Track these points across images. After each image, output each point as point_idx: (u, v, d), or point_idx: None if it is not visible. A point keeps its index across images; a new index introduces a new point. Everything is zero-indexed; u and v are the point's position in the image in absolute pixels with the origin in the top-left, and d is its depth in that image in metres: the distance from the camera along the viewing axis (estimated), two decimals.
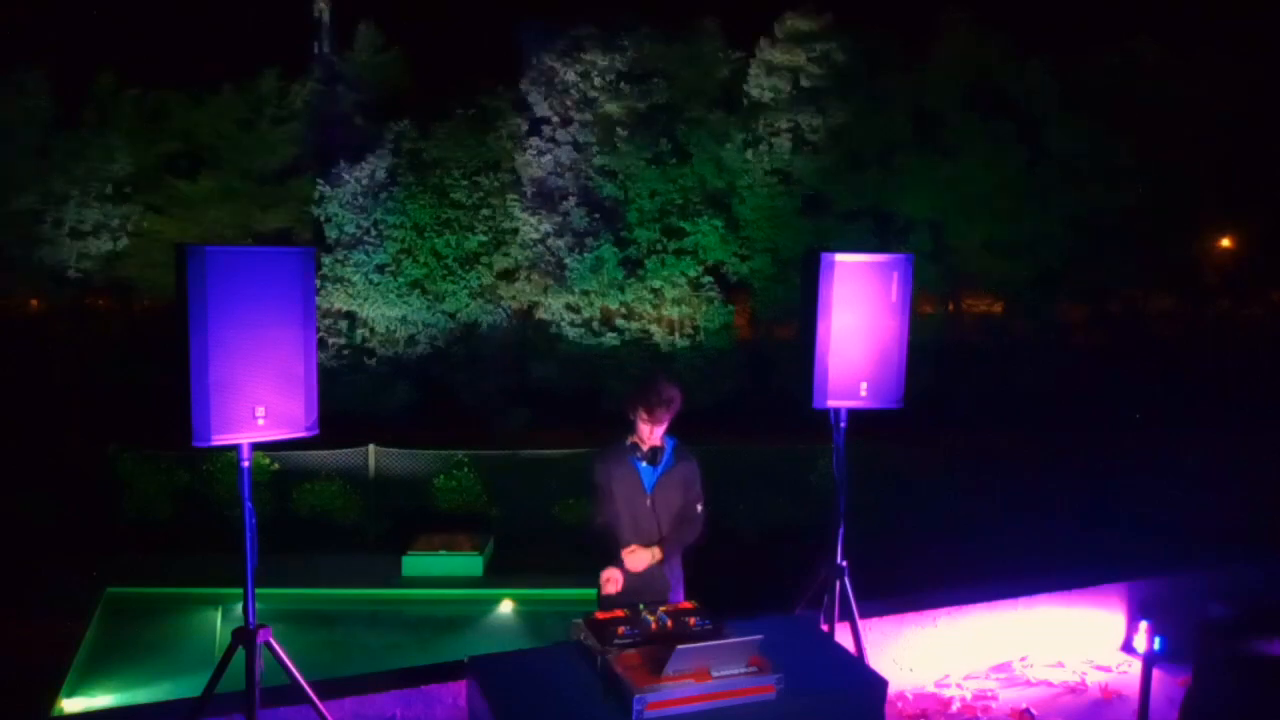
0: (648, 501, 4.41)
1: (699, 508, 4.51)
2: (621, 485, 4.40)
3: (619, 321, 22.44)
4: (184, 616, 12.51)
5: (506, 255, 22.17)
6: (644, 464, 4.42)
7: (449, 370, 22.19)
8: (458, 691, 4.22)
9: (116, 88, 22.10)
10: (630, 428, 4.44)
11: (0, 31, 21.45)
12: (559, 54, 22.13)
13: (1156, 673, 4.33)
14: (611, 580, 4.27)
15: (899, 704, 4.94)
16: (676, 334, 22.55)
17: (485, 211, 22.19)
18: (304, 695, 3.71)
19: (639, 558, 4.31)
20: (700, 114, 22.42)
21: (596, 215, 22.16)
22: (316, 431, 3.72)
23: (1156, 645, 4.23)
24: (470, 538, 14.55)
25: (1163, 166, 21.46)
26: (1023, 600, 5.52)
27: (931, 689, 5.14)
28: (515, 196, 22.13)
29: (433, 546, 14.19)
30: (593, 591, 4.41)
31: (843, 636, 4.52)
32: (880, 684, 3.59)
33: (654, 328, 22.42)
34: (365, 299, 22.05)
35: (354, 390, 20.65)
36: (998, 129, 21.57)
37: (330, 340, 21.74)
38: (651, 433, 4.37)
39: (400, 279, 22.15)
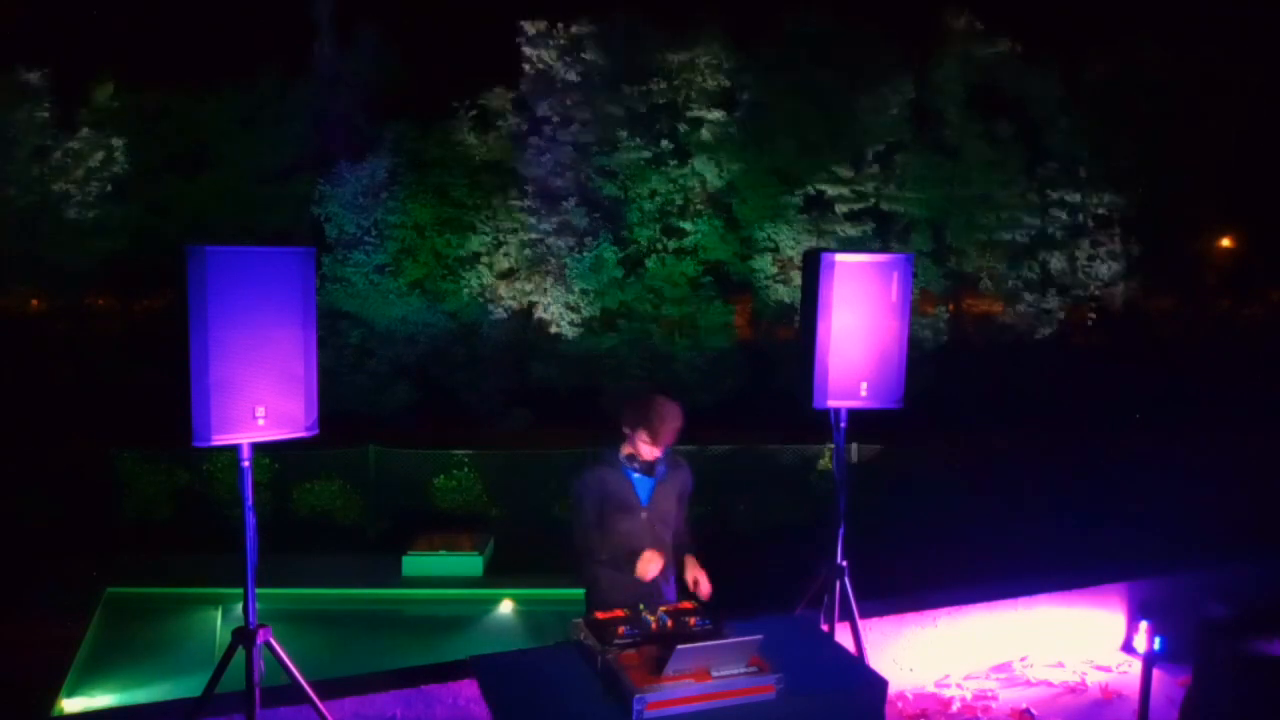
0: (643, 514, 4.27)
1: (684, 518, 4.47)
2: (615, 498, 4.23)
3: (619, 321, 22.42)
4: (184, 616, 12.53)
5: (506, 255, 22.16)
6: (638, 475, 4.27)
7: (449, 370, 22.18)
8: (458, 691, 4.22)
9: (116, 87, 22.09)
10: (623, 438, 4.26)
11: (0, 31, 21.44)
12: (559, 53, 22.11)
13: (1156, 673, 4.32)
14: (654, 561, 4.11)
15: (899, 704, 4.93)
16: (676, 334, 22.54)
17: (485, 211, 22.18)
18: (304, 695, 3.71)
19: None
20: (700, 114, 22.41)
21: (596, 215, 22.16)
22: (316, 431, 3.71)
23: (1156, 645, 4.22)
24: (470, 538, 14.57)
25: (1163, 166, 21.47)
26: (1023, 600, 5.51)
27: (931, 689, 5.14)
28: (515, 196, 22.11)
29: (433, 546, 14.19)
30: None
31: (843, 636, 4.51)
32: (880, 684, 3.59)
33: (654, 328, 22.41)
34: (365, 299, 22.06)
35: (354, 390, 20.64)
36: (998, 129, 21.57)
37: (330, 340, 21.71)
38: (653, 452, 4.22)
39: (400, 279, 22.15)
